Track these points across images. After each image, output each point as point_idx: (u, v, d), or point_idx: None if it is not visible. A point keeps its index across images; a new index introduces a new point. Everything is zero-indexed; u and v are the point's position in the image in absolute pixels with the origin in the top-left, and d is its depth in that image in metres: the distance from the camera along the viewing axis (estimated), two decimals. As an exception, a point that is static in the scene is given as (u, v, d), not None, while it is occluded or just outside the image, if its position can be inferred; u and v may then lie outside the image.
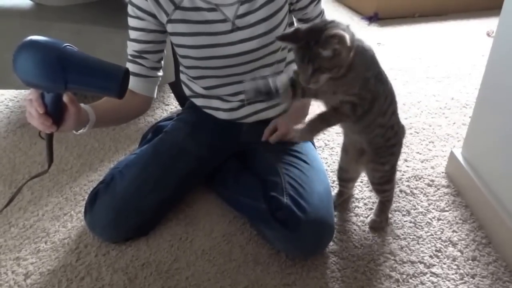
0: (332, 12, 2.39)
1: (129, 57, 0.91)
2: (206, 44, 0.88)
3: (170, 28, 0.87)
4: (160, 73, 0.95)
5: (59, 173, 1.14)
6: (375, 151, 0.85)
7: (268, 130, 0.99)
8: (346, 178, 0.99)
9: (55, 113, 0.71)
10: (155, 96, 0.96)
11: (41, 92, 0.69)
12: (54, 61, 0.64)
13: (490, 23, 2.08)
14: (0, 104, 1.50)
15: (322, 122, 0.76)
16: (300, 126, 0.77)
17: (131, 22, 0.88)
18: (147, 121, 1.38)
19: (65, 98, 0.71)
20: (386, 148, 0.86)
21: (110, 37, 1.15)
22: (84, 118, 0.78)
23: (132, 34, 0.89)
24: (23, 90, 1.57)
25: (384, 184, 0.92)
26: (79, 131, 0.80)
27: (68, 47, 0.66)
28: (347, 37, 0.66)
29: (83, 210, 0.95)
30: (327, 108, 0.78)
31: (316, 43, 0.66)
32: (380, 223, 0.95)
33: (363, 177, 1.07)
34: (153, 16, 0.86)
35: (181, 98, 1.34)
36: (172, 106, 1.46)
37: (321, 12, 0.97)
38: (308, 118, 0.77)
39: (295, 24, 0.99)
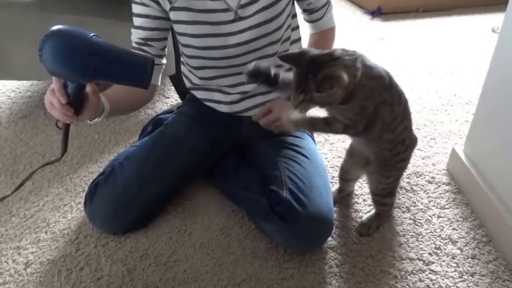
0: (335, 6, 2.35)
1: (134, 44, 0.91)
2: (207, 33, 0.87)
3: (173, 15, 0.87)
4: (164, 61, 0.95)
5: (59, 164, 1.15)
6: (382, 163, 0.84)
7: (261, 112, 0.96)
8: (347, 178, 0.98)
9: (76, 103, 0.71)
10: (159, 84, 0.96)
11: (63, 82, 0.69)
12: (84, 51, 0.63)
13: (495, 19, 2.06)
14: (2, 95, 1.50)
15: (325, 125, 0.75)
16: (300, 115, 0.74)
17: (136, 8, 0.88)
18: (147, 113, 1.38)
19: (88, 88, 0.71)
20: (394, 162, 0.84)
21: (112, 29, 1.15)
22: (101, 108, 0.79)
23: (137, 21, 0.89)
24: (25, 82, 1.57)
25: (385, 197, 0.91)
26: (94, 121, 0.80)
27: (94, 37, 0.66)
28: (345, 77, 0.64)
29: (83, 201, 0.95)
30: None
31: (313, 77, 0.65)
32: (369, 229, 0.92)
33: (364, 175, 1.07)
34: (157, 2, 0.86)
35: (182, 91, 1.34)
36: (172, 99, 1.46)
37: (327, 2, 0.97)
38: (310, 114, 0.75)
39: (298, 16, 0.98)
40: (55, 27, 0.65)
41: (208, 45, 0.89)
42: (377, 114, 0.73)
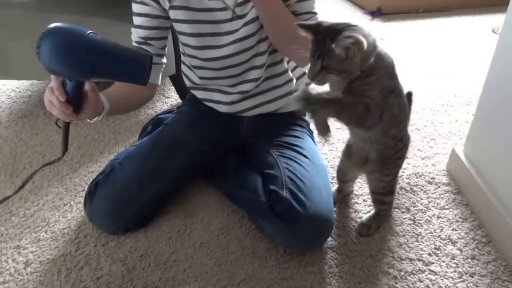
0: (334, 6, 2.37)
1: (134, 43, 0.91)
2: (206, 33, 0.88)
3: (172, 14, 0.88)
4: (164, 60, 0.95)
5: (59, 163, 1.14)
6: (382, 161, 0.84)
7: None
8: (345, 179, 0.98)
9: (75, 101, 0.71)
10: (159, 83, 0.96)
11: (62, 80, 0.68)
12: (82, 48, 0.63)
13: (496, 20, 2.06)
14: (2, 94, 1.50)
15: (337, 108, 0.71)
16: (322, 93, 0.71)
17: (136, 8, 0.88)
18: (147, 113, 1.38)
19: (87, 86, 0.71)
20: (394, 160, 0.85)
21: (111, 29, 1.15)
22: (100, 107, 0.78)
23: (137, 20, 0.89)
24: (24, 81, 1.57)
25: (385, 195, 0.91)
26: (93, 120, 0.80)
27: (92, 34, 0.66)
28: (365, 42, 0.64)
29: (82, 200, 0.95)
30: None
31: (331, 40, 0.64)
32: (368, 229, 0.92)
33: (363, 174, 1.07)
34: (157, 1, 0.86)
35: (182, 91, 1.34)
36: (172, 99, 1.46)
37: (311, 13, 0.89)
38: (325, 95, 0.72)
39: None
40: (52, 25, 0.64)
41: (204, 45, 0.89)
42: (388, 103, 0.73)
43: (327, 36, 0.66)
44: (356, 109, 0.72)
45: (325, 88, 0.75)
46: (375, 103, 0.72)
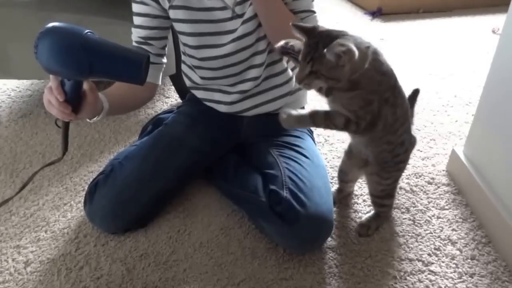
0: (334, 7, 2.37)
1: (134, 43, 0.91)
2: (205, 32, 0.88)
3: (172, 14, 0.88)
4: (165, 60, 0.96)
5: (59, 163, 1.14)
6: (381, 165, 0.84)
7: None
8: (346, 179, 0.98)
9: (74, 101, 0.71)
10: (160, 83, 0.96)
11: (60, 79, 0.69)
12: (79, 48, 0.64)
13: (496, 20, 2.06)
14: (2, 94, 1.50)
15: (326, 119, 0.74)
16: (301, 111, 0.74)
17: (136, 8, 0.89)
18: (147, 113, 1.38)
19: (85, 86, 0.72)
20: (393, 164, 0.84)
21: (112, 28, 1.15)
22: (99, 106, 0.79)
23: (137, 20, 0.89)
24: (25, 80, 1.57)
25: (384, 198, 0.91)
26: (93, 119, 0.80)
27: (89, 33, 0.66)
28: (356, 53, 0.63)
29: (82, 200, 0.95)
30: (330, 108, 0.77)
31: (324, 47, 0.64)
32: (368, 229, 0.92)
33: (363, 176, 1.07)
34: (156, 1, 0.87)
35: (182, 91, 1.34)
36: (172, 99, 1.46)
37: (310, 11, 0.89)
38: (312, 108, 0.75)
39: None
40: (50, 25, 0.65)
41: (203, 44, 0.89)
42: (380, 113, 0.73)
43: (321, 41, 0.65)
44: (335, 122, 0.73)
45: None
46: (356, 116, 0.72)
